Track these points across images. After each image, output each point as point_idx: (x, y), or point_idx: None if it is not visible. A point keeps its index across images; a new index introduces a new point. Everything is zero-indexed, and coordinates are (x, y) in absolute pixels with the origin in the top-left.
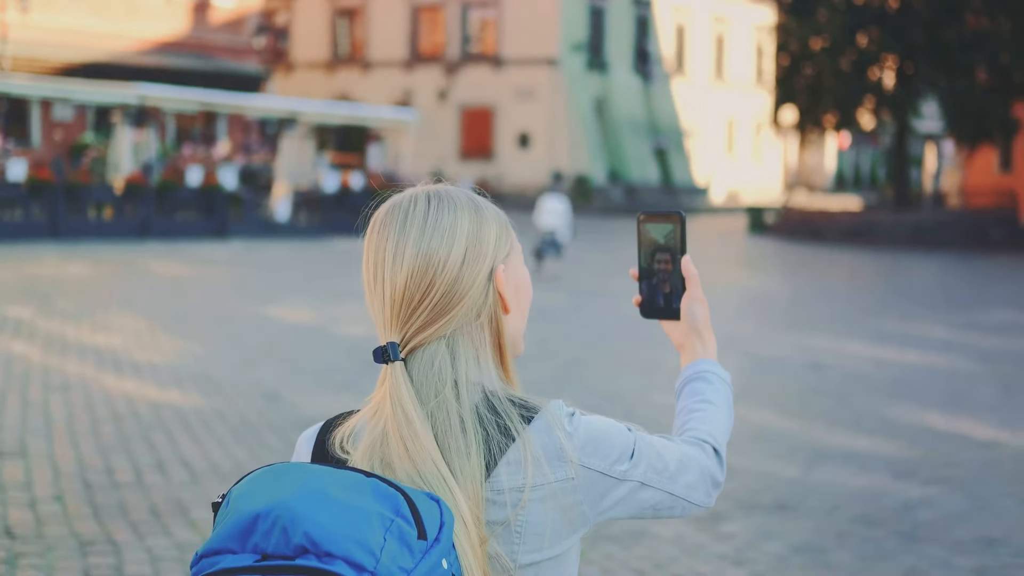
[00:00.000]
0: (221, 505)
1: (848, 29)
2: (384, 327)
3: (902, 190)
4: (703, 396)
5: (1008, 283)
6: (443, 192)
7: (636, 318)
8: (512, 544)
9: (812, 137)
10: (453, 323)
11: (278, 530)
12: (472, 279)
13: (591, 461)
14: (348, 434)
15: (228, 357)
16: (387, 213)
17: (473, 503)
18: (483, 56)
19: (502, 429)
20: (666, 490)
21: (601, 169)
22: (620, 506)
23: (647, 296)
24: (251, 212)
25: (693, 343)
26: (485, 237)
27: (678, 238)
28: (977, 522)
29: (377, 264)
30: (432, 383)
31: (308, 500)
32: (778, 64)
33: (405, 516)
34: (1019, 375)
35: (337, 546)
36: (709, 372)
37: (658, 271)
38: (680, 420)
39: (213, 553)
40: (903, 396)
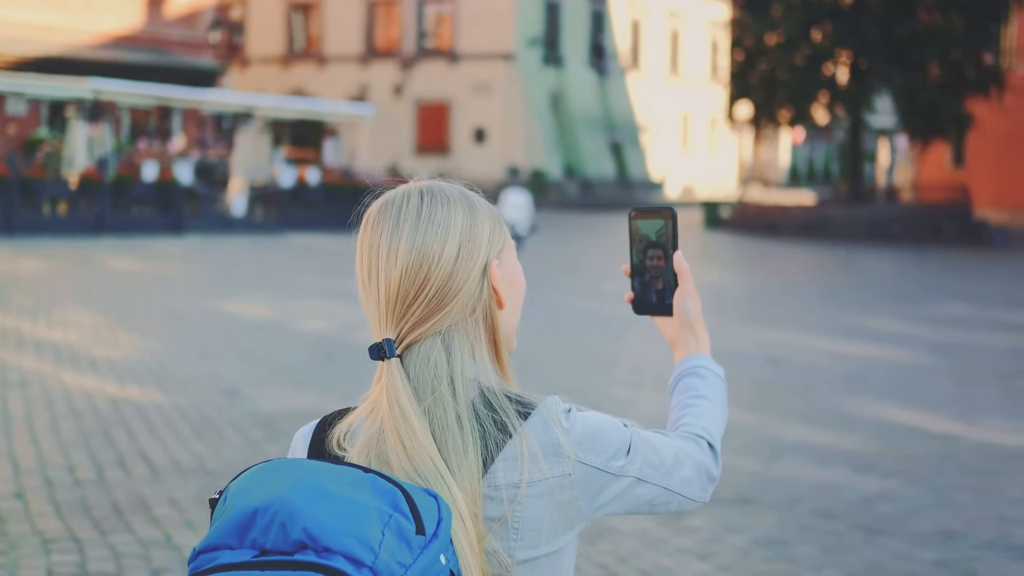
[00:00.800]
0: (218, 501)
1: (802, 24)
2: (379, 324)
3: (856, 185)
4: (697, 391)
5: (961, 277)
6: (436, 188)
7: (593, 312)
8: (509, 540)
9: (767, 132)
10: (448, 319)
11: (276, 525)
12: (467, 274)
13: (588, 457)
14: (345, 431)
15: (186, 353)
16: (380, 209)
17: (470, 500)
18: (439, 51)
19: (499, 425)
20: (662, 485)
21: (557, 164)
22: (616, 502)
23: (639, 292)
24: (207, 207)
25: (686, 338)
26: (479, 232)
27: (670, 234)
28: (936, 515)
29: (371, 261)
30: (428, 380)
31: (307, 495)
32: (733, 59)
33: (403, 511)
34: (974, 369)
35: (336, 541)
36: (703, 367)
37: (650, 267)
38: (674, 415)
39: (211, 549)
40: (861, 390)
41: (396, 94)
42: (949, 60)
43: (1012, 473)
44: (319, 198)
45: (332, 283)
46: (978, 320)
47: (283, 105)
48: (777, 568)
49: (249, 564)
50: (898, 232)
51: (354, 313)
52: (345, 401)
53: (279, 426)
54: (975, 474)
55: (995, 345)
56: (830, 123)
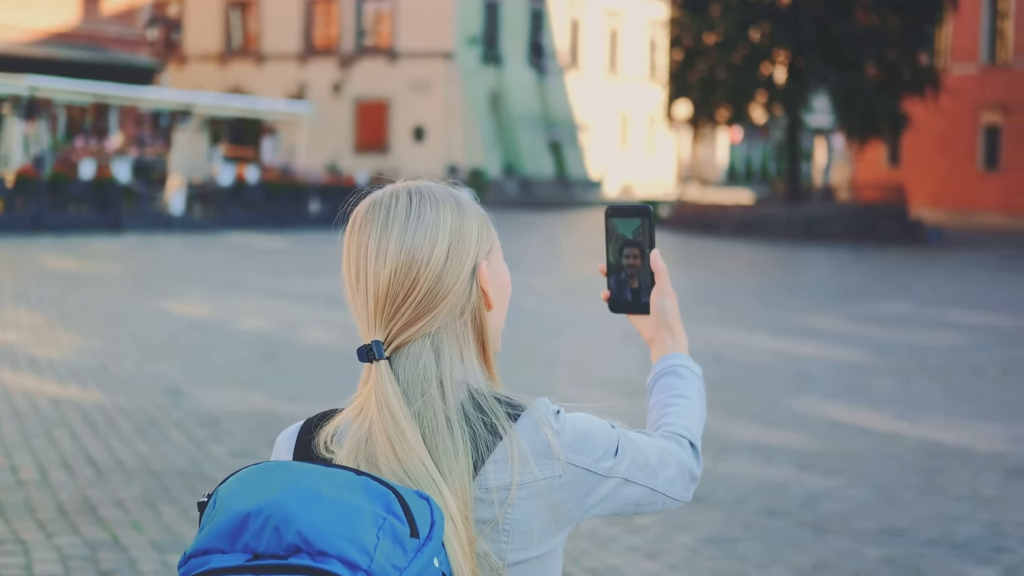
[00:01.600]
0: (207, 504)
1: (740, 24)
2: (367, 325)
3: (794, 184)
4: (677, 391)
5: (899, 276)
6: (423, 188)
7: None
8: (500, 543)
9: (705, 131)
10: (437, 321)
11: (270, 529)
12: (456, 276)
13: (577, 458)
14: (331, 434)
15: (128, 352)
16: (367, 210)
17: (461, 502)
18: (378, 49)
19: (489, 427)
20: (648, 486)
21: (496, 162)
22: (605, 503)
23: (615, 291)
24: (145, 206)
25: (663, 337)
26: (467, 233)
27: (646, 233)
28: (881, 513)
29: (359, 262)
30: (418, 382)
31: (300, 498)
32: (671, 58)
33: (397, 514)
34: (915, 367)
35: (331, 544)
36: (681, 366)
37: (626, 266)
38: (655, 414)
39: (202, 553)
40: (804, 388)
41: (335, 92)
42: (885, 60)
43: (954, 470)
44: (258, 197)
45: (273, 282)
46: (917, 319)
47: (221, 103)
48: (725, 566)
49: (242, 568)
50: (836, 231)
51: (296, 312)
52: (291, 401)
53: (224, 426)
54: (918, 472)
55: (935, 343)
56: (768, 122)
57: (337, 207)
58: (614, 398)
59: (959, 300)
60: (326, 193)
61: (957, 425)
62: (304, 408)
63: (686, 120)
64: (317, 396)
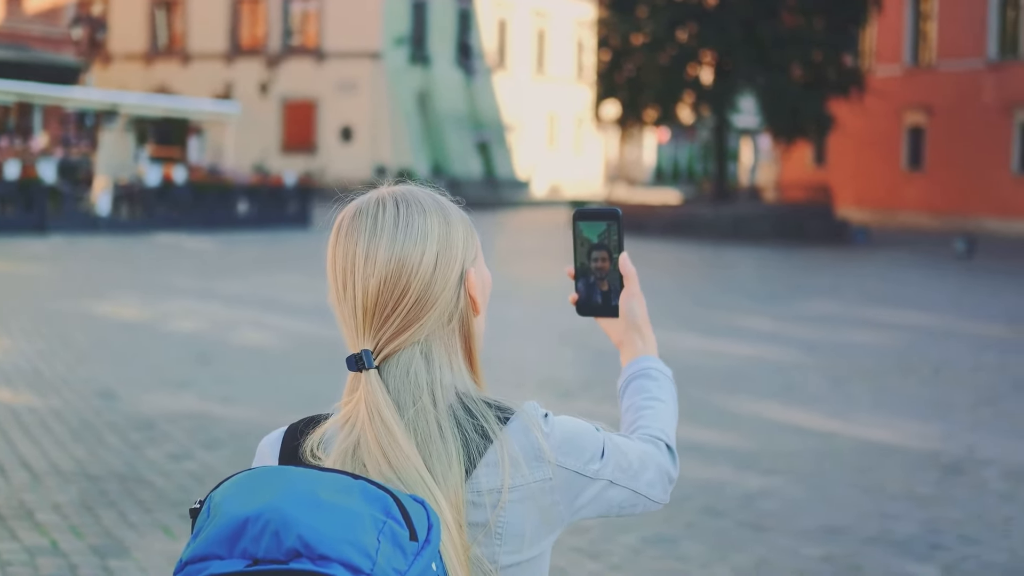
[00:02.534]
0: (200, 511)
1: (668, 25)
2: (356, 334)
3: (721, 184)
4: (650, 393)
5: (826, 275)
6: (409, 195)
7: None
8: (493, 546)
9: (632, 131)
10: (426, 328)
11: (269, 534)
12: (444, 282)
13: (567, 461)
14: (318, 442)
15: (59, 355)
16: (353, 217)
17: (455, 508)
18: (305, 49)
19: (479, 431)
20: (631, 488)
21: (424, 163)
22: (591, 505)
23: (584, 294)
24: (71, 206)
25: (633, 340)
26: (454, 240)
27: (614, 236)
28: (819, 511)
29: (346, 270)
30: (409, 391)
31: (299, 503)
32: (599, 59)
33: (396, 517)
34: (845, 366)
35: (332, 548)
36: (653, 369)
37: (595, 269)
38: (630, 417)
39: (199, 559)
40: (737, 388)
41: (262, 92)
42: (811, 61)
43: (889, 469)
44: (186, 197)
45: (203, 283)
46: (846, 318)
47: (147, 103)
48: (668, 566)
49: (243, 574)
50: (763, 231)
51: (228, 314)
52: (226, 404)
53: (160, 428)
54: (854, 470)
55: (863, 343)
56: (695, 123)
57: (265, 207)
58: (550, 398)
59: (887, 300)
60: (254, 193)
61: (890, 424)
62: (240, 411)
63: (614, 120)
64: (253, 398)
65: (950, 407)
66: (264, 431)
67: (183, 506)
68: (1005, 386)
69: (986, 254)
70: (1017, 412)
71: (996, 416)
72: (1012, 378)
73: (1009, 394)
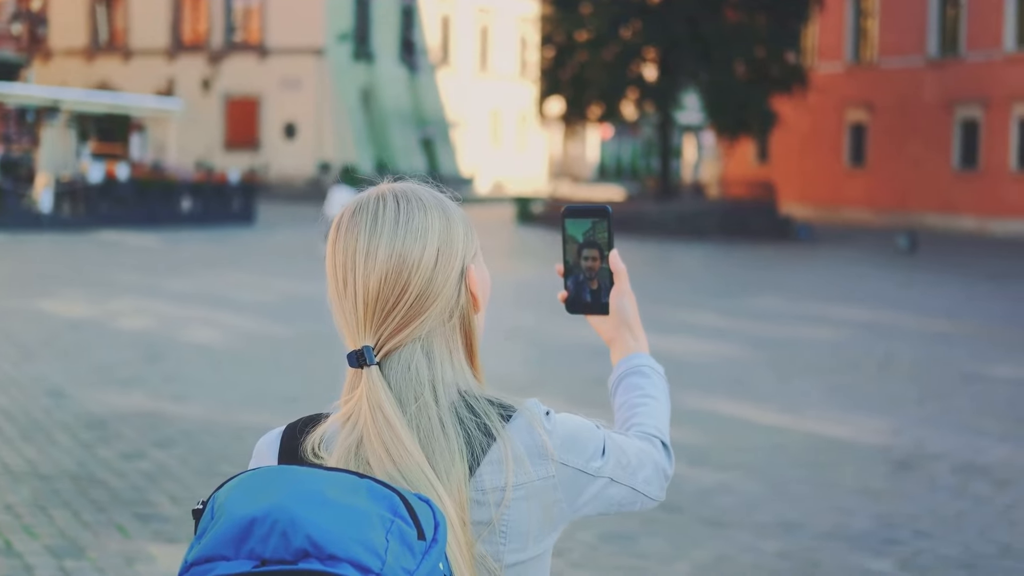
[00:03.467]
0: (203, 512)
1: (612, 21)
2: (356, 331)
3: (665, 180)
4: (644, 391)
5: (771, 271)
6: (410, 192)
7: None
8: (497, 544)
9: (576, 128)
10: (427, 325)
11: (277, 534)
12: (445, 279)
13: (569, 458)
14: (319, 440)
15: (5, 353)
16: (353, 214)
17: (459, 506)
18: (248, 45)
19: (482, 429)
20: (630, 485)
21: (368, 159)
22: (593, 503)
23: (573, 292)
24: (13, 204)
25: (624, 337)
26: (455, 236)
27: (604, 233)
28: (775, 506)
29: (347, 266)
30: (411, 387)
31: (307, 502)
32: (543, 56)
33: (403, 517)
34: (792, 361)
35: (342, 548)
36: (645, 366)
37: (584, 267)
38: (624, 414)
39: (204, 560)
40: (687, 383)
41: (204, 89)
42: (754, 58)
43: (842, 464)
44: (129, 194)
45: (149, 281)
46: (792, 314)
47: (89, 99)
48: (628, 563)
49: (250, 575)
50: (707, 227)
51: (176, 311)
52: (178, 402)
53: (111, 428)
54: (807, 466)
55: (811, 338)
56: (638, 119)
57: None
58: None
59: (831, 295)
60: (198, 190)
61: (840, 419)
62: (192, 408)
63: (558, 117)
64: (205, 396)
65: (898, 402)
66: (217, 429)
67: (138, 505)
68: (951, 381)
69: (928, 250)
70: (964, 407)
71: (943, 411)
72: (958, 373)
73: (955, 389)
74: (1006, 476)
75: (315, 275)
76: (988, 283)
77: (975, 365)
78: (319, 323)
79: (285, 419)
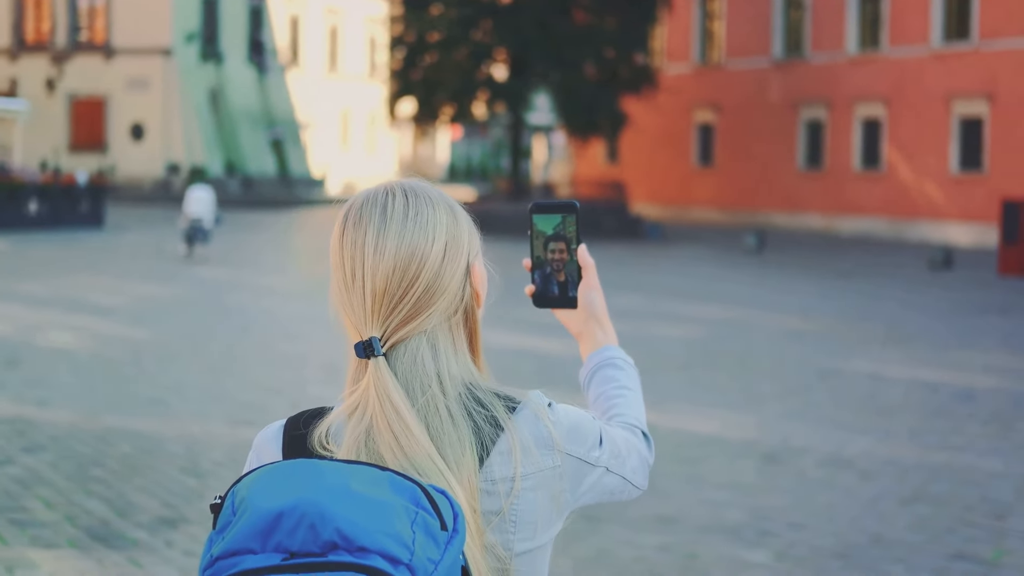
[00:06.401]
0: (222, 507)
1: (462, 23)
2: (364, 322)
3: (517, 181)
4: (619, 382)
5: (625, 270)
6: (417, 187)
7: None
8: (507, 533)
9: (427, 129)
10: (433, 319)
11: (305, 527)
12: (452, 274)
13: (573, 448)
14: (326, 433)
15: None
16: (362, 207)
17: (469, 495)
18: (93, 45)
19: (490, 420)
20: (620, 474)
21: (218, 161)
22: (591, 492)
23: (540, 286)
24: None
25: (593, 331)
26: (461, 233)
27: (572, 228)
28: (650, 502)
29: (355, 257)
30: (417, 378)
31: (334, 496)
32: (393, 57)
33: (426, 508)
34: (652, 358)
35: (371, 540)
36: (618, 358)
37: (552, 260)
38: (602, 406)
39: (231, 555)
40: (552, 383)
41: (49, 89)
42: (604, 59)
43: (711, 459)
44: None
45: (0, 284)
46: (648, 312)
47: None
48: None
49: (280, 568)
50: None
51: (33, 315)
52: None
53: None
54: (676, 461)
55: (668, 336)
56: (488, 120)
57: (57, 207)
58: None
59: (686, 294)
60: (44, 193)
61: (706, 415)
62: (58, 413)
63: (410, 118)
64: (69, 400)
65: (760, 398)
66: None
67: (12, 512)
68: (809, 376)
69: (775, 248)
70: (823, 401)
71: (804, 406)
72: (815, 369)
73: (814, 384)
74: (870, 467)
75: (170, 277)
76: (837, 280)
77: (831, 361)
78: (177, 325)
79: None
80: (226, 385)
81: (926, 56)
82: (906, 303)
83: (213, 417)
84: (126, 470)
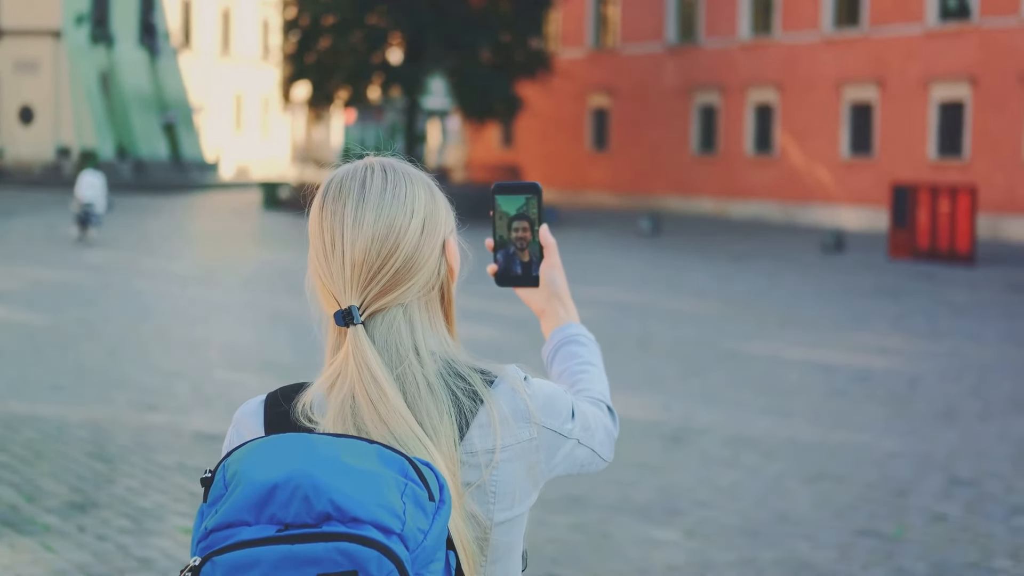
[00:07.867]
0: (212, 480)
1: (358, 6)
2: (343, 291)
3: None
4: (583, 358)
5: None
6: (396, 164)
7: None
8: (487, 503)
9: (321, 113)
10: (410, 293)
11: (299, 499)
12: (429, 250)
13: (548, 421)
14: (308, 404)
15: None
16: (341, 180)
17: (450, 462)
18: None
19: (468, 393)
20: (590, 446)
21: (109, 144)
22: (563, 463)
23: (503, 265)
24: None
25: (555, 308)
26: (438, 210)
27: (535, 209)
28: (558, 482)
29: (335, 228)
30: (395, 347)
31: (326, 468)
32: (287, 40)
33: (414, 479)
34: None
35: (364, 511)
36: (580, 335)
37: (515, 239)
38: (566, 381)
39: (225, 527)
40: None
41: None
42: (499, 44)
43: (617, 439)
44: None
45: None
46: None
47: None
48: None
49: (275, 539)
50: (462, 212)
51: None
52: None
53: None
54: None
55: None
56: (383, 104)
57: None
58: (273, 380)
59: (583, 277)
60: None
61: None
62: None
63: (304, 102)
64: None
65: (661, 379)
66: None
67: None
68: (708, 358)
69: (670, 231)
70: (723, 382)
71: (705, 387)
72: (712, 351)
73: (713, 365)
74: (772, 447)
75: (63, 262)
76: (732, 263)
77: (729, 342)
78: (73, 310)
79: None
80: (127, 370)
81: (817, 42)
82: (800, 286)
83: (116, 402)
84: (32, 455)
